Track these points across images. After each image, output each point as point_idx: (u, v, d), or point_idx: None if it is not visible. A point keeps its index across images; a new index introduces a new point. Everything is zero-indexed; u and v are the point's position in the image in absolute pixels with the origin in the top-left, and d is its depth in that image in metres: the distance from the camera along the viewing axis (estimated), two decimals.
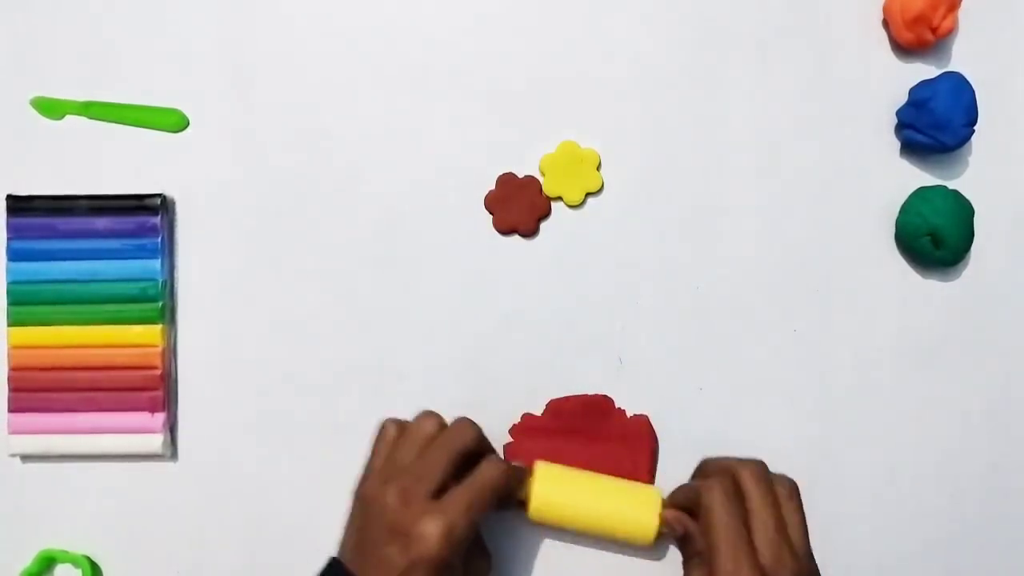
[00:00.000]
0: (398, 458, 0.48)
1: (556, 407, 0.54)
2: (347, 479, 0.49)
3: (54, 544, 0.54)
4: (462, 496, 0.46)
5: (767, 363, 0.55)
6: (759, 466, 0.48)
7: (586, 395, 0.54)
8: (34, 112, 0.56)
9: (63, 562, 0.54)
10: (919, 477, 0.54)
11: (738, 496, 0.46)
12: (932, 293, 0.55)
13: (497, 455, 0.51)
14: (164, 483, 0.55)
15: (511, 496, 0.50)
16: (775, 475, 0.48)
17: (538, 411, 0.54)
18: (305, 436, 0.55)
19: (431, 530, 0.44)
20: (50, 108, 0.56)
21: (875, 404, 0.55)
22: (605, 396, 0.54)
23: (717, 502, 0.46)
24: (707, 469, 0.50)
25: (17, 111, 0.56)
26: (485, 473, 0.47)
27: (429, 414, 0.50)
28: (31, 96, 0.56)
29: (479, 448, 0.49)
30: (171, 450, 0.55)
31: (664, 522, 0.49)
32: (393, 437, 0.49)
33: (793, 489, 0.48)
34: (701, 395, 0.55)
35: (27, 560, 0.54)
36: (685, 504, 0.49)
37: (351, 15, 0.56)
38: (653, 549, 0.52)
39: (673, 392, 0.55)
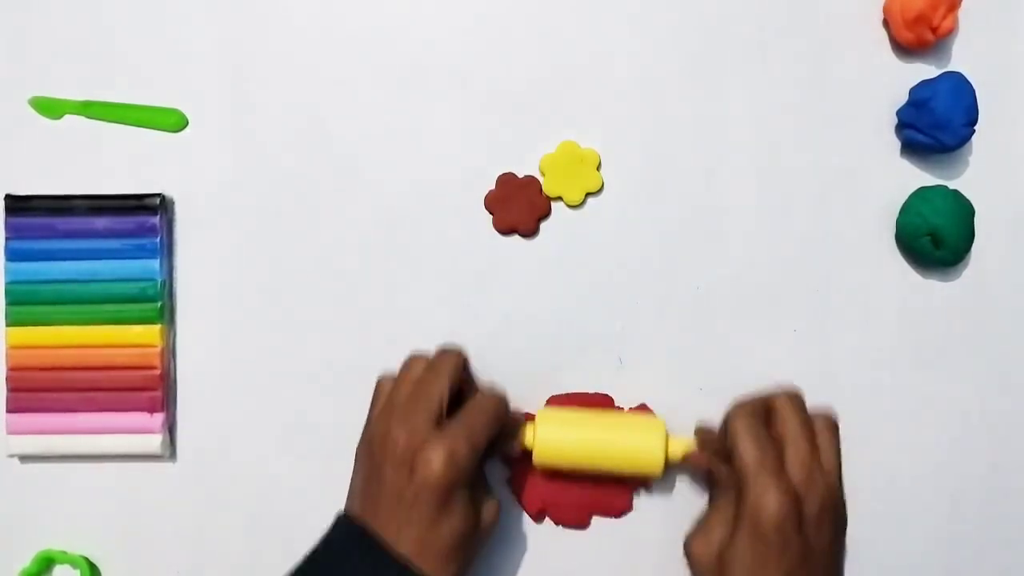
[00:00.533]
0: (396, 400, 0.48)
1: (556, 406, 0.54)
2: (347, 479, 0.49)
3: (53, 544, 0.54)
4: (460, 422, 0.47)
5: (767, 363, 0.55)
6: (795, 392, 0.49)
7: (586, 393, 0.54)
8: (33, 112, 0.56)
9: (62, 563, 0.54)
10: (919, 477, 0.54)
11: (768, 420, 0.47)
12: (932, 293, 0.55)
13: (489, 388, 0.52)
14: (163, 483, 0.55)
15: (512, 437, 0.51)
16: (817, 409, 0.49)
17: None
18: (305, 436, 0.55)
19: (434, 455, 0.45)
20: (49, 108, 0.56)
21: (875, 404, 0.55)
22: (605, 395, 0.54)
23: (741, 425, 0.47)
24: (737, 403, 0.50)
25: (16, 111, 0.56)
26: (479, 399, 0.49)
27: (415, 357, 0.50)
28: (30, 96, 0.56)
29: (468, 371, 0.50)
30: (170, 450, 0.55)
31: (687, 460, 0.50)
32: (389, 389, 0.50)
33: (831, 422, 0.49)
34: (701, 395, 0.55)
35: (26, 561, 0.54)
36: (717, 445, 0.49)
37: (351, 15, 0.56)
38: (663, 480, 0.52)
39: (673, 392, 0.54)
